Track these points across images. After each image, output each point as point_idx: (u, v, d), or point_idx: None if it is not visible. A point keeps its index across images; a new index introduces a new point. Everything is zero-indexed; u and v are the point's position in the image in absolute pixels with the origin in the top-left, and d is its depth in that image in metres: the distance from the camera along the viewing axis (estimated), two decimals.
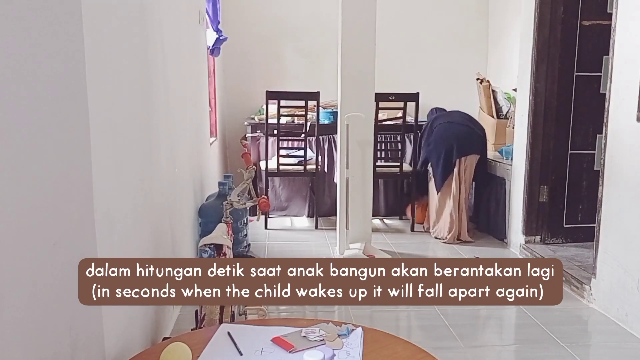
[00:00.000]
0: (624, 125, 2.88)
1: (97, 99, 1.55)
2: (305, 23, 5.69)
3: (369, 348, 1.47)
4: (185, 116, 3.27)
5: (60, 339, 1.29)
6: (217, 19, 4.53)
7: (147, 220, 2.20)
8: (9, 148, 1.07)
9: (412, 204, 4.66)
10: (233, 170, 5.01)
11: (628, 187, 2.86)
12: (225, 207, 2.57)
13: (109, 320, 1.60)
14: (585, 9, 3.77)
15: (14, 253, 1.09)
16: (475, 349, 2.72)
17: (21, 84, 1.13)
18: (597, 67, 3.64)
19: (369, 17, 3.70)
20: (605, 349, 2.77)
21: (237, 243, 3.64)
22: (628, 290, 2.84)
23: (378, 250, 3.81)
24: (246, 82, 5.71)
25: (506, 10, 5.46)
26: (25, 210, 1.14)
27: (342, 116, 3.77)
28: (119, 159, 1.81)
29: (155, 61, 2.38)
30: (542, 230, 3.99)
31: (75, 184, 1.41)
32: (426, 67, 5.81)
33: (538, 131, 3.89)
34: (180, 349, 1.40)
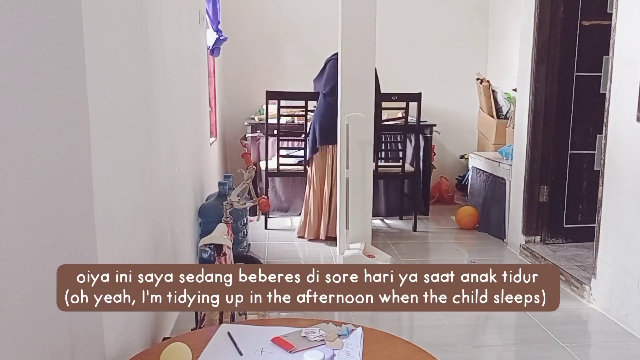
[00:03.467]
0: (624, 125, 2.88)
1: (97, 99, 1.55)
2: (305, 23, 5.69)
3: (369, 348, 1.47)
4: (185, 116, 3.27)
5: (60, 339, 1.29)
6: (217, 19, 4.53)
7: (147, 220, 2.20)
8: (9, 148, 1.07)
9: (416, 203, 4.66)
10: (233, 170, 5.01)
11: (628, 187, 2.86)
12: (225, 207, 2.57)
13: (109, 320, 1.60)
14: (585, 9, 3.77)
15: (14, 253, 1.09)
16: (475, 349, 2.72)
17: (21, 84, 1.13)
18: (597, 67, 3.64)
19: (369, 17, 3.70)
20: (605, 349, 2.77)
21: (237, 243, 3.64)
22: (628, 290, 2.84)
23: (378, 251, 3.80)
24: (246, 82, 5.71)
25: (506, 10, 5.46)
26: (26, 211, 1.14)
27: (342, 116, 3.77)
28: (119, 158, 1.81)
29: (155, 61, 2.38)
30: (542, 231, 3.99)
31: (75, 184, 1.41)
32: (426, 67, 5.81)
33: (538, 131, 3.89)
34: (180, 349, 1.40)
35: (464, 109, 5.78)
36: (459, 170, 5.75)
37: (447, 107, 5.78)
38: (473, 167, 4.89)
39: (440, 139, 5.57)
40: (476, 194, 4.79)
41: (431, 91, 5.31)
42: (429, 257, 4.12)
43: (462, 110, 5.79)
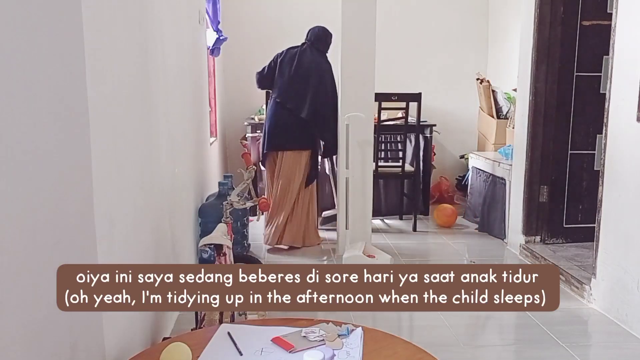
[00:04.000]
0: (624, 125, 2.88)
1: (97, 99, 1.55)
2: (305, 23, 5.67)
3: (369, 348, 1.47)
4: (185, 116, 3.27)
5: (60, 339, 1.29)
6: (217, 19, 4.53)
7: (147, 220, 2.20)
8: (9, 148, 1.07)
9: (416, 202, 4.66)
10: (233, 170, 5.01)
11: (628, 187, 2.85)
12: (225, 207, 2.57)
13: (109, 320, 1.60)
14: (585, 9, 3.77)
15: (14, 253, 1.09)
16: (475, 349, 2.72)
17: (21, 84, 1.13)
18: (597, 67, 3.64)
19: (369, 17, 3.71)
20: (605, 349, 2.76)
21: (237, 243, 3.64)
22: (628, 290, 2.84)
23: (378, 251, 3.81)
24: (246, 82, 5.69)
25: (506, 10, 5.46)
26: (26, 211, 1.14)
27: (342, 116, 3.77)
28: (119, 159, 1.81)
29: (155, 61, 2.38)
30: (542, 231, 3.99)
31: (75, 184, 1.41)
32: (426, 67, 5.81)
33: (538, 131, 3.89)
34: (180, 349, 1.40)
35: (464, 109, 5.77)
36: (459, 170, 5.75)
37: (447, 107, 5.78)
38: (473, 167, 4.89)
39: (440, 139, 5.57)
40: (476, 194, 4.79)
41: (431, 91, 5.32)
42: (429, 257, 4.12)
43: (462, 110, 5.79)
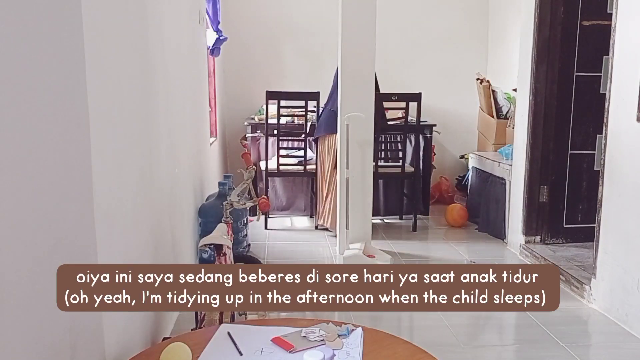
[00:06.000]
0: (624, 125, 2.88)
1: (97, 99, 1.55)
2: (305, 23, 5.69)
3: (369, 348, 1.47)
4: (185, 116, 3.27)
5: (60, 339, 1.29)
6: (217, 19, 4.52)
7: (147, 220, 2.20)
8: (9, 148, 1.07)
9: (414, 201, 4.65)
10: (233, 170, 5.01)
11: (628, 187, 2.85)
12: (225, 207, 2.57)
13: (109, 320, 1.60)
14: (585, 9, 3.77)
15: (14, 253, 1.09)
16: (475, 349, 2.72)
17: (21, 83, 1.13)
18: (597, 67, 3.64)
19: (369, 17, 3.70)
20: (605, 349, 2.76)
21: (237, 243, 3.64)
22: (628, 290, 2.84)
23: (378, 251, 3.80)
24: (246, 82, 5.71)
25: (506, 10, 5.46)
26: (26, 210, 1.14)
27: (342, 116, 3.77)
28: (119, 158, 1.81)
29: (155, 61, 2.38)
30: (542, 231, 3.99)
31: (75, 184, 1.41)
32: (426, 67, 5.80)
33: (538, 131, 3.89)
34: (180, 349, 1.40)
35: (464, 109, 5.77)
36: (459, 170, 5.75)
37: (447, 107, 5.77)
38: (473, 167, 4.89)
39: (440, 139, 5.57)
40: (476, 194, 4.79)
41: (431, 91, 5.31)
42: (429, 257, 4.11)
43: (462, 110, 5.79)
